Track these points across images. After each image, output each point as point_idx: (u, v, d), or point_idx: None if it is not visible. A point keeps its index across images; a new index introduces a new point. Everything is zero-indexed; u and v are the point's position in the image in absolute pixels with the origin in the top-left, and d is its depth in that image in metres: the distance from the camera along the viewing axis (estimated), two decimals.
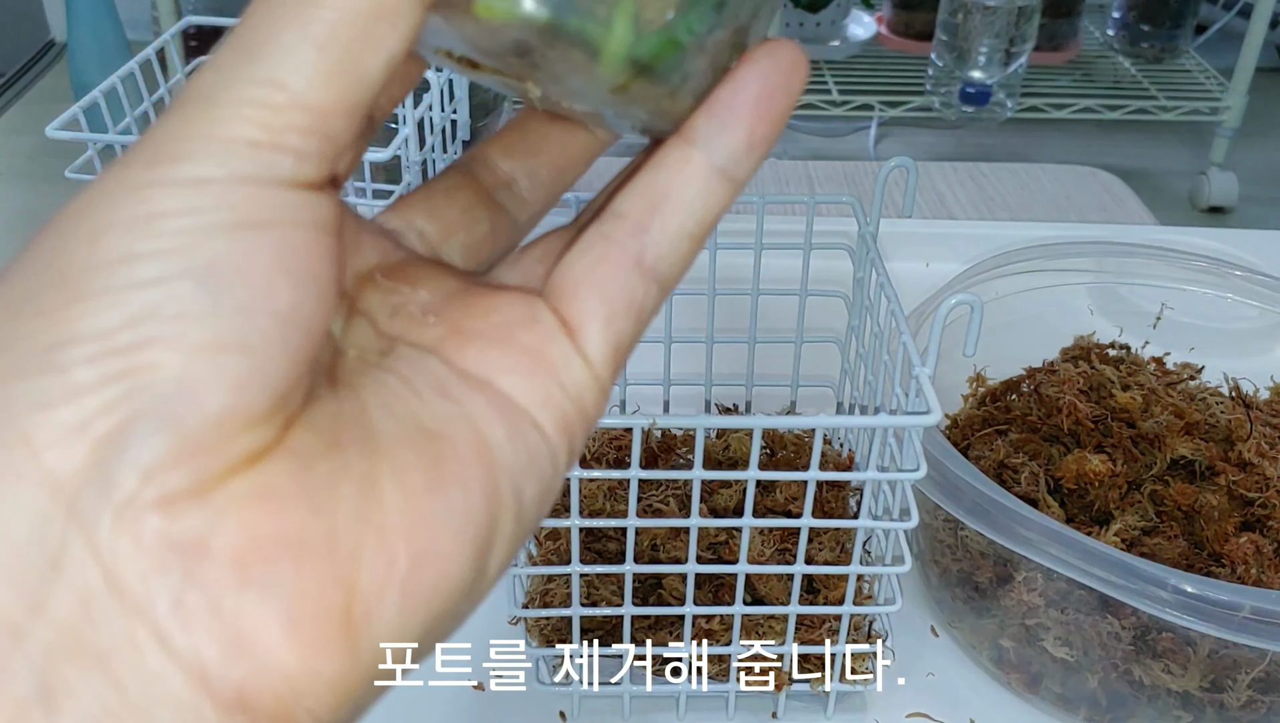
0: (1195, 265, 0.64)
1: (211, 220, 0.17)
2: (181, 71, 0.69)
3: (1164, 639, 0.45)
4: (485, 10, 0.19)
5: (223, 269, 0.17)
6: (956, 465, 0.47)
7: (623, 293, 0.22)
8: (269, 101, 0.18)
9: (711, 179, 0.22)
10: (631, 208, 0.22)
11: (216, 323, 0.17)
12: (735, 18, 0.22)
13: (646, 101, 0.21)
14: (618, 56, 0.20)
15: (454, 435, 0.20)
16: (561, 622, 0.47)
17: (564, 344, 0.21)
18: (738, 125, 0.21)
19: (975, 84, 1.87)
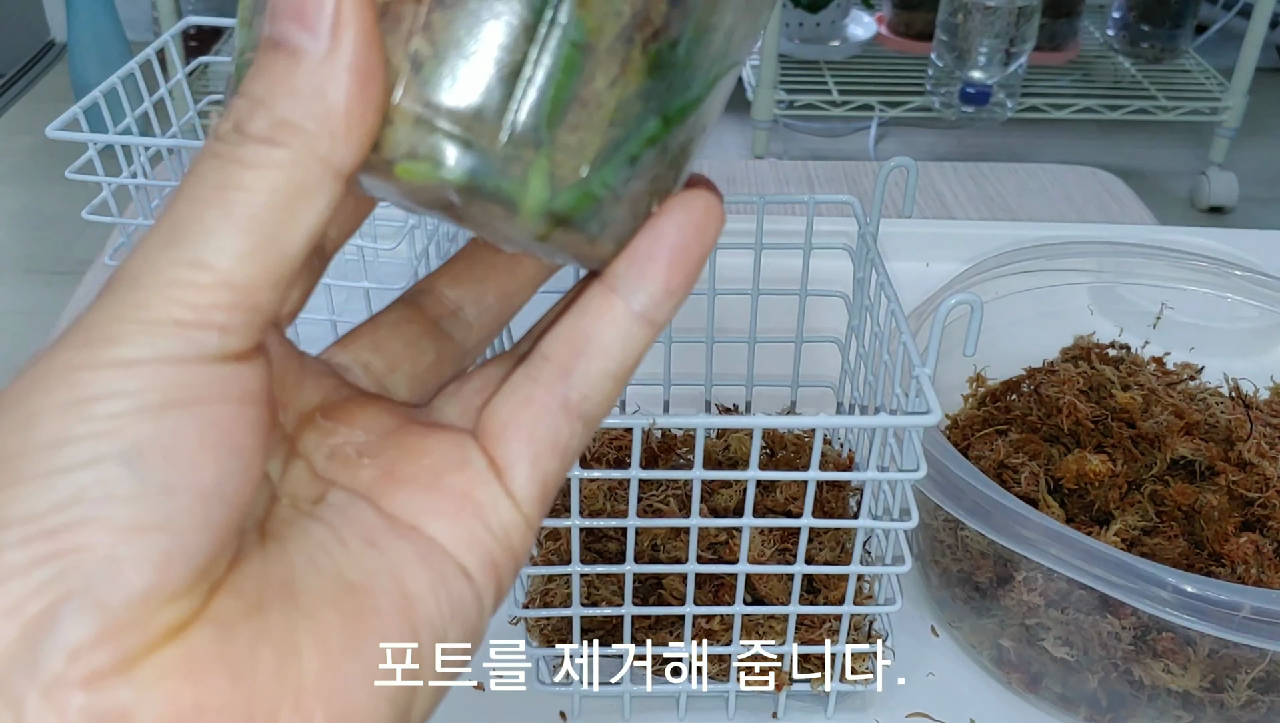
0: (1195, 265, 0.64)
1: (139, 402, 0.18)
2: (181, 72, 0.69)
3: (1164, 639, 0.45)
4: (405, 172, 0.20)
5: (148, 450, 0.18)
6: (957, 465, 0.47)
7: (548, 434, 0.23)
8: (194, 282, 0.18)
9: (632, 324, 0.23)
10: (556, 351, 0.23)
11: (141, 503, 0.18)
12: (653, 168, 0.22)
13: (568, 248, 0.22)
14: (535, 212, 0.21)
15: (376, 589, 0.21)
16: (562, 622, 0.47)
17: (493, 486, 0.22)
18: (656, 274, 0.22)
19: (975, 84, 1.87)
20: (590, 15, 0.20)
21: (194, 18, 0.72)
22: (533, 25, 0.20)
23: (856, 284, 0.53)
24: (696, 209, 0.23)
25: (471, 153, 0.20)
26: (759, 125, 2.03)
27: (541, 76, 0.20)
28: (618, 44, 0.21)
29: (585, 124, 0.21)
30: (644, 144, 0.22)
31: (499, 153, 0.21)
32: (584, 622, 0.46)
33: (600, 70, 0.21)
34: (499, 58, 0.20)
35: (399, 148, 0.20)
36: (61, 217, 2.13)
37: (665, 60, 0.22)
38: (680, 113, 0.23)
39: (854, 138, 2.32)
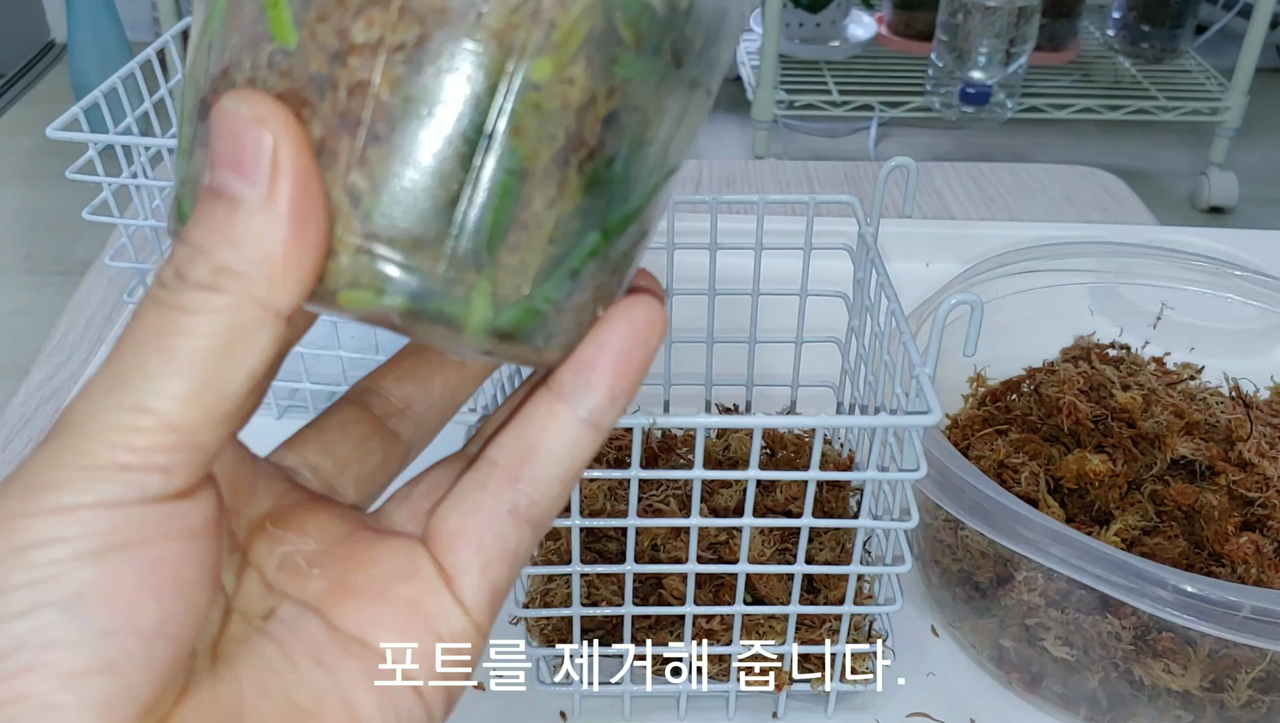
0: (1195, 265, 0.64)
1: (79, 548, 0.18)
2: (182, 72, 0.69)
3: (1164, 639, 0.45)
4: (348, 301, 0.21)
5: (88, 596, 0.18)
6: (957, 465, 0.47)
7: (497, 542, 0.23)
8: (136, 426, 0.19)
9: (578, 431, 0.23)
10: (504, 458, 0.23)
11: (82, 649, 0.18)
12: (595, 278, 0.23)
13: (515, 358, 0.23)
14: (479, 330, 0.22)
15: (325, 714, 0.21)
16: (562, 622, 0.47)
17: (442, 595, 0.23)
18: (600, 383, 0.23)
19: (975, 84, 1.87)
20: (525, 143, 0.21)
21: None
22: (468, 156, 0.20)
23: (856, 284, 0.53)
24: (639, 317, 0.23)
25: (414, 278, 0.21)
26: (759, 125, 2.03)
27: (479, 203, 0.21)
28: (554, 167, 0.21)
29: (525, 245, 0.21)
30: (585, 258, 0.22)
31: (440, 277, 0.21)
32: (584, 622, 0.46)
33: (538, 193, 0.21)
34: (435, 188, 0.20)
35: (342, 277, 0.21)
36: (62, 217, 2.13)
37: (602, 178, 0.22)
38: (620, 224, 0.23)
39: (854, 138, 2.32)
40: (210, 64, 0.22)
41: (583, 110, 0.21)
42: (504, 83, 0.20)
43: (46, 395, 0.68)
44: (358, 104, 0.20)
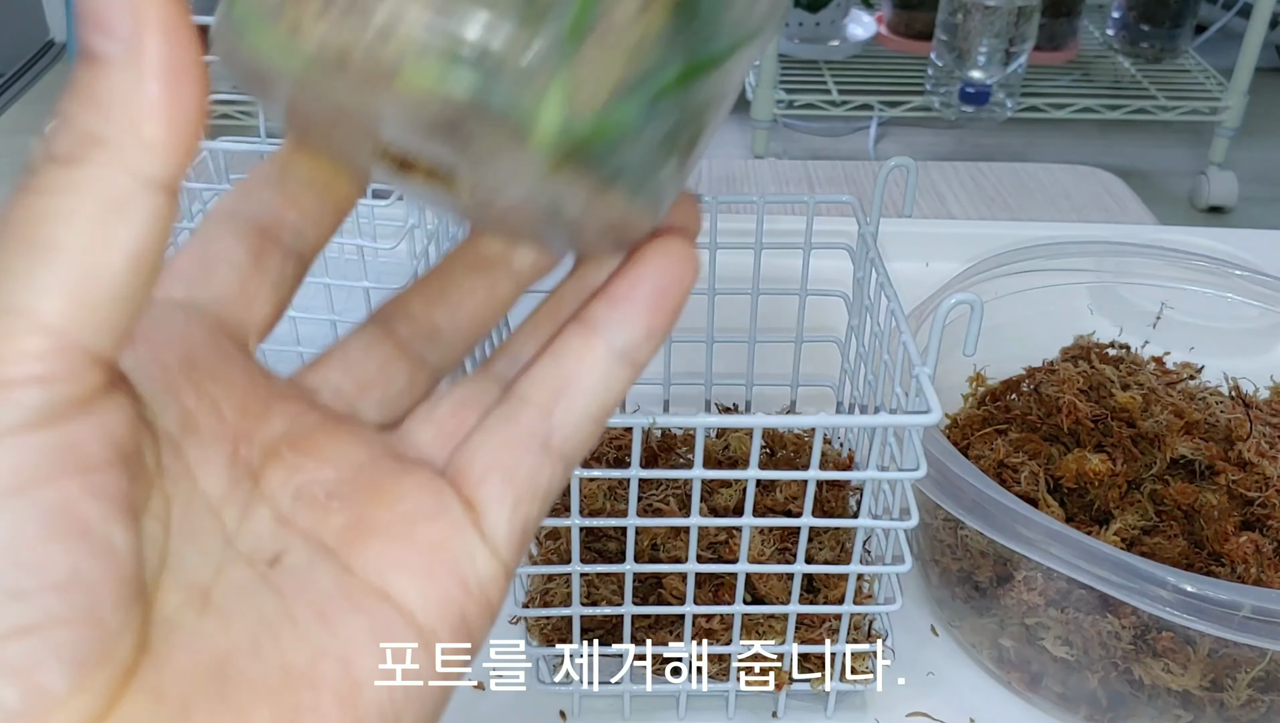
0: (1195, 265, 0.64)
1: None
2: None
3: (1164, 639, 0.45)
4: (408, 84, 0.19)
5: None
6: (956, 465, 0.47)
7: (529, 477, 0.22)
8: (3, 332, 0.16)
9: (613, 365, 0.23)
10: (536, 393, 0.22)
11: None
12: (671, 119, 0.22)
13: (576, 193, 0.21)
14: (547, 138, 0.20)
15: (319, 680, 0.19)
16: (562, 621, 0.47)
17: (469, 535, 0.21)
18: (637, 318, 0.23)
19: (975, 84, 1.87)
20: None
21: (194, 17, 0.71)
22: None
23: (856, 284, 0.53)
24: (674, 254, 0.23)
25: (484, 67, 0.19)
26: (759, 125, 2.03)
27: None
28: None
29: (607, 52, 0.20)
30: (665, 89, 0.21)
31: (513, 71, 0.19)
32: (584, 621, 0.46)
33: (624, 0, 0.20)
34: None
35: (405, 56, 0.19)
36: None
37: (690, 4, 0.21)
38: (703, 65, 0.22)
39: (854, 137, 2.32)
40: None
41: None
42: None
43: None
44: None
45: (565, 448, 0.22)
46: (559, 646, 0.46)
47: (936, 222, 0.87)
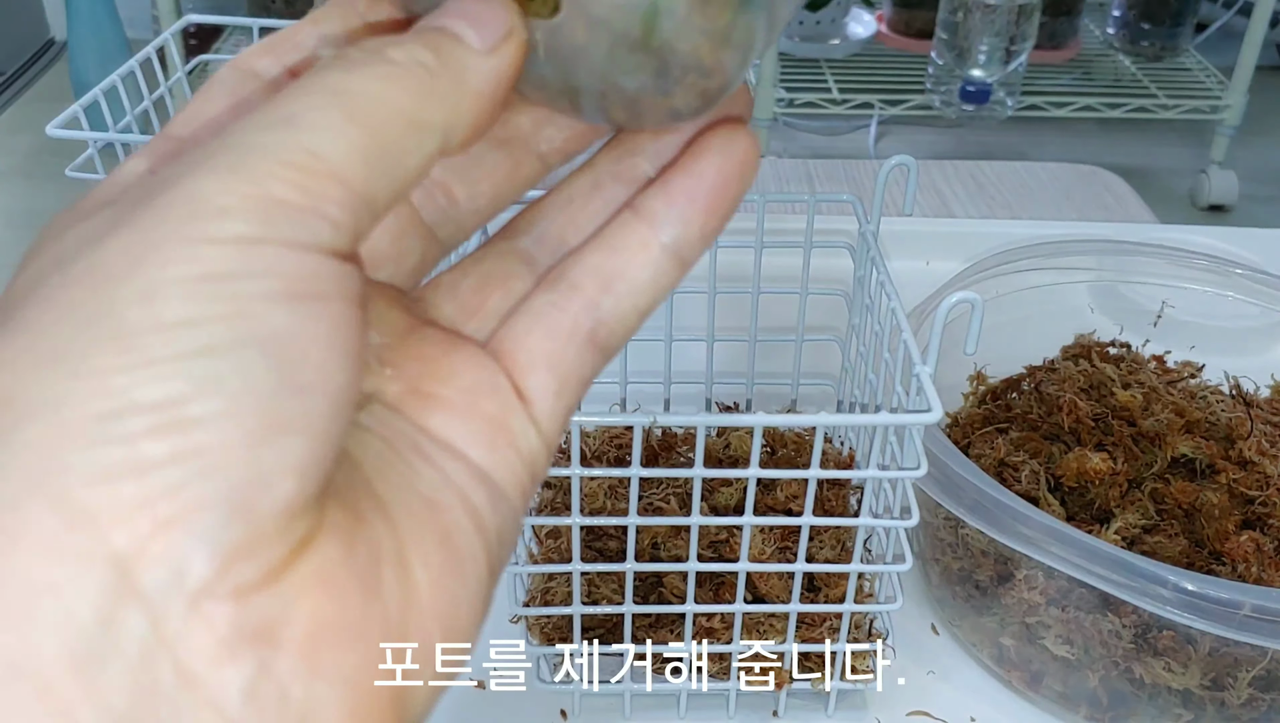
0: (1196, 264, 0.64)
1: (268, 287, 0.17)
2: (182, 70, 0.69)
3: (1164, 638, 0.45)
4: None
5: (286, 343, 0.17)
6: (957, 464, 0.47)
7: (575, 367, 0.22)
8: (308, 167, 0.17)
9: (665, 261, 0.22)
10: (587, 282, 0.22)
11: (280, 402, 0.17)
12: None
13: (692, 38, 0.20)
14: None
15: (451, 506, 0.20)
16: (562, 620, 0.47)
17: (521, 414, 0.22)
18: (695, 216, 0.22)
19: (975, 82, 1.87)
20: None
21: (194, 16, 0.71)
22: None
23: (857, 282, 0.53)
24: (737, 150, 0.22)
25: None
26: (759, 123, 2.03)
27: None
28: None
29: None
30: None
31: None
32: (584, 621, 0.46)
33: None
34: None
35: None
36: None
37: None
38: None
39: (854, 136, 2.32)
40: None
41: None
42: None
43: None
44: None
45: (610, 341, 0.22)
46: (559, 645, 0.46)
47: (937, 220, 0.87)
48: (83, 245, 0.17)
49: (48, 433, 0.15)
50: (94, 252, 0.17)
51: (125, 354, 0.16)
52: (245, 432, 0.16)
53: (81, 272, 0.17)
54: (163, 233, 0.16)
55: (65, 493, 0.15)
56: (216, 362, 0.16)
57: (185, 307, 0.16)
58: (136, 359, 0.16)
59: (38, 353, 0.16)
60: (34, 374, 0.16)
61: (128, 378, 0.16)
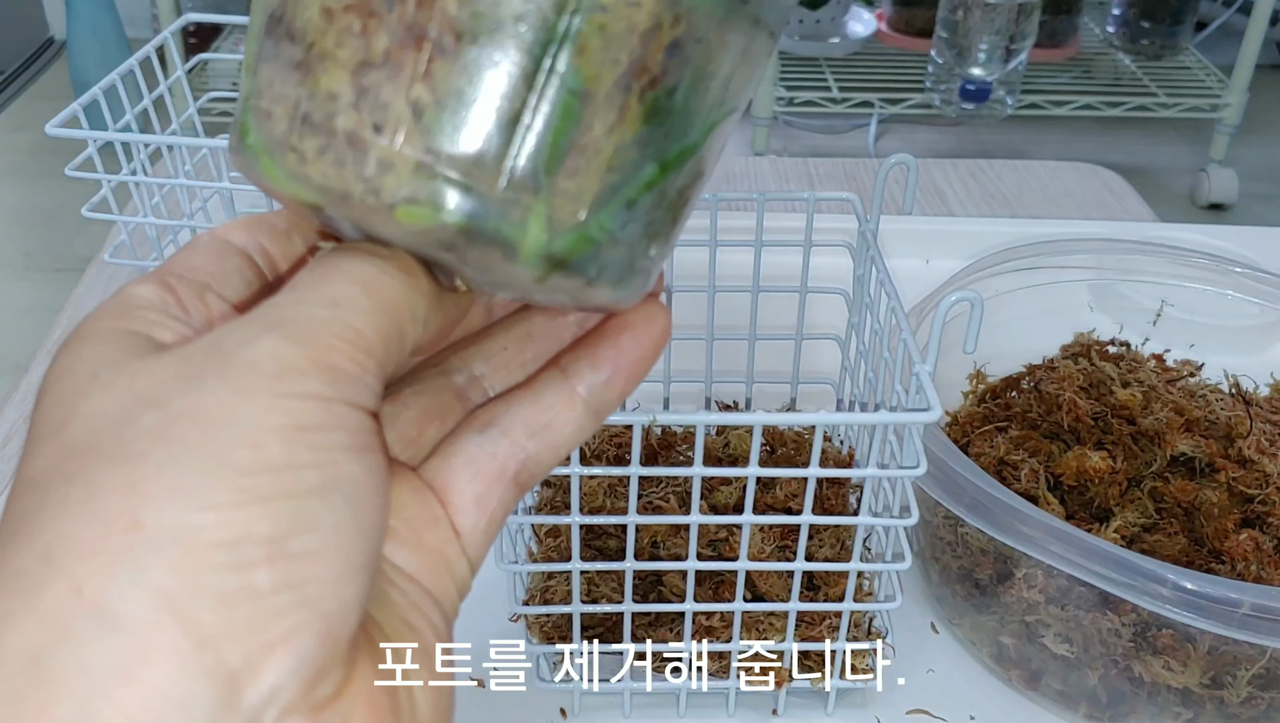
0: (1195, 262, 0.64)
1: (344, 439, 0.20)
2: (181, 69, 0.69)
3: (1164, 636, 0.45)
4: (405, 216, 0.21)
5: (361, 490, 0.20)
6: (957, 462, 0.47)
7: (500, 506, 0.25)
8: (355, 342, 0.20)
9: (586, 416, 0.26)
10: (516, 430, 0.25)
11: (357, 541, 0.20)
12: (650, 213, 0.23)
13: (565, 291, 0.23)
14: (534, 254, 0.22)
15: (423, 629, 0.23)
16: (562, 619, 0.47)
17: (456, 546, 0.24)
18: (615, 381, 0.26)
19: (975, 81, 1.87)
20: (588, 64, 0.21)
21: (193, 15, 0.71)
22: (532, 73, 0.21)
23: (856, 281, 0.53)
24: (655, 328, 0.26)
25: (471, 197, 0.21)
26: (759, 122, 2.03)
27: (540, 124, 0.21)
28: (615, 92, 0.21)
29: (583, 170, 0.21)
30: (641, 189, 0.23)
31: (498, 197, 0.21)
32: (584, 620, 0.46)
33: (598, 118, 0.21)
34: (499, 105, 0.21)
35: (400, 192, 0.21)
36: (61, 214, 2.13)
37: (662, 107, 0.22)
38: (678, 158, 0.23)
39: (854, 135, 2.32)
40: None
41: (647, 36, 0.21)
42: (571, 2, 0.20)
43: None
44: (424, 17, 0.20)
45: (529, 481, 0.25)
46: (559, 644, 0.46)
47: (937, 219, 0.87)
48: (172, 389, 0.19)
49: (180, 558, 0.18)
50: (190, 396, 0.19)
51: (239, 492, 0.18)
52: (333, 567, 0.19)
53: (182, 412, 0.19)
54: (254, 385, 0.19)
55: (195, 614, 0.17)
56: (314, 503, 0.19)
57: (285, 452, 0.19)
58: (248, 497, 0.18)
59: (161, 483, 0.18)
60: (161, 502, 0.18)
61: (244, 513, 0.18)
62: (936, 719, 0.49)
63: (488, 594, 0.25)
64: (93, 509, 0.18)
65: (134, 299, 0.22)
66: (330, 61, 0.21)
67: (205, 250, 0.24)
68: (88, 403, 0.20)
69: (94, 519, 0.18)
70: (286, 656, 0.18)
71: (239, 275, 0.24)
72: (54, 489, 0.18)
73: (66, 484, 0.18)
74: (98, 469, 0.18)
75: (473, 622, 0.25)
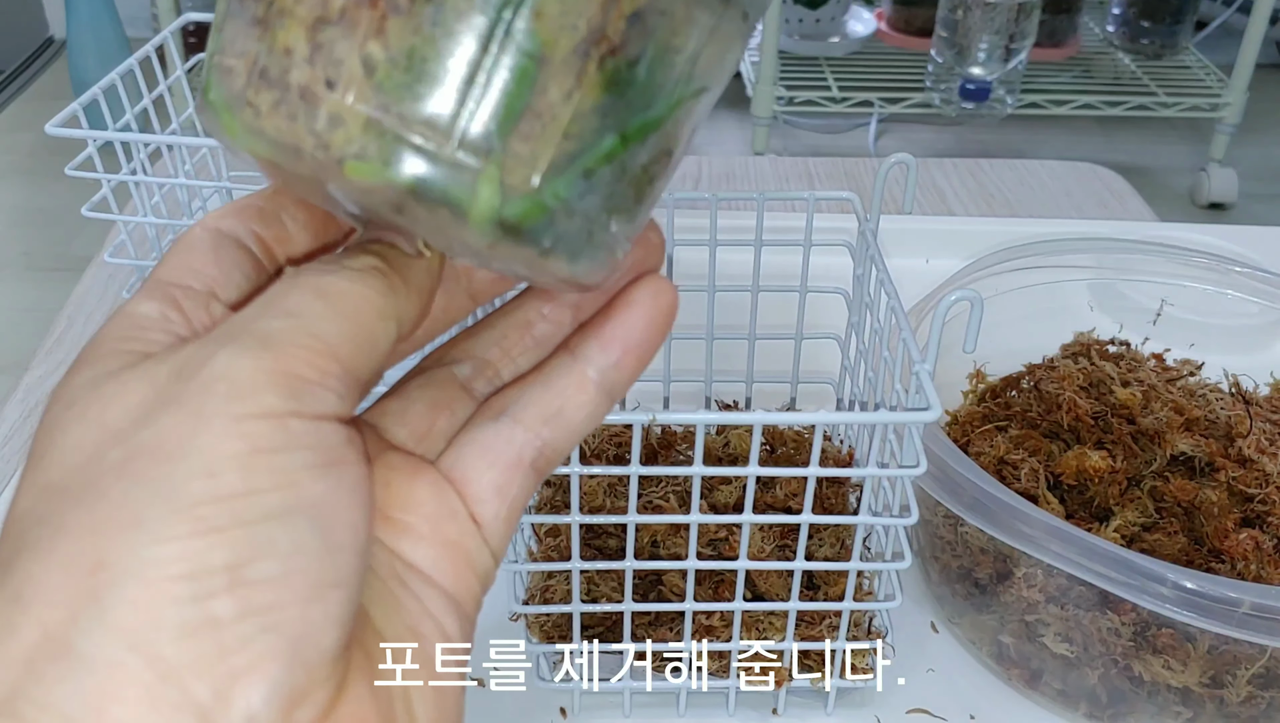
0: (1195, 262, 0.64)
1: (305, 459, 0.20)
2: (181, 68, 0.69)
3: (1164, 635, 0.45)
4: (353, 171, 0.21)
5: (324, 508, 0.20)
6: (956, 462, 0.47)
7: (521, 493, 0.25)
8: (314, 348, 0.20)
9: (598, 398, 0.25)
10: (529, 418, 0.25)
11: (324, 562, 0.19)
12: (609, 186, 0.23)
13: (519, 260, 0.23)
14: (484, 219, 0.21)
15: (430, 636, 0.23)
16: (562, 619, 0.47)
17: (477, 537, 0.24)
18: (626, 360, 0.26)
19: (975, 80, 1.87)
20: (545, 28, 0.21)
21: (193, 14, 0.71)
22: (487, 35, 0.20)
23: (856, 280, 0.53)
24: (663, 302, 0.26)
25: (422, 157, 0.21)
26: (759, 122, 2.03)
27: (495, 85, 0.21)
28: (573, 58, 0.21)
29: (538, 135, 0.21)
30: (600, 160, 0.22)
31: (449, 158, 0.21)
32: (584, 619, 0.46)
33: (554, 82, 0.21)
34: (452, 65, 0.20)
35: (349, 147, 0.21)
36: (61, 213, 2.13)
37: (623, 77, 0.22)
38: (639, 131, 0.23)
39: (854, 134, 2.32)
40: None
41: (608, 3, 0.21)
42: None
43: (46, 392, 0.68)
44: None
45: (547, 467, 0.25)
46: (559, 643, 0.46)
47: (936, 218, 0.87)
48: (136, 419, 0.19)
49: (140, 594, 0.18)
50: (150, 427, 0.19)
51: (195, 522, 0.18)
52: (297, 590, 0.19)
53: (143, 446, 0.19)
54: (210, 410, 0.19)
55: (157, 649, 0.18)
56: (271, 528, 0.19)
57: (241, 480, 0.19)
58: (204, 527, 0.18)
59: (121, 521, 0.18)
60: (121, 539, 0.18)
61: (200, 543, 0.18)
62: (936, 719, 0.49)
63: (488, 594, 0.25)
64: (59, 551, 0.18)
65: (137, 319, 0.22)
66: (289, 18, 0.21)
67: (201, 248, 0.24)
68: (65, 436, 0.20)
69: (60, 561, 0.18)
70: (256, 684, 0.18)
71: (239, 271, 0.24)
72: (29, 531, 0.19)
73: (38, 525, 0.19)
74: (65, 510, 0.19)
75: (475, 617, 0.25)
